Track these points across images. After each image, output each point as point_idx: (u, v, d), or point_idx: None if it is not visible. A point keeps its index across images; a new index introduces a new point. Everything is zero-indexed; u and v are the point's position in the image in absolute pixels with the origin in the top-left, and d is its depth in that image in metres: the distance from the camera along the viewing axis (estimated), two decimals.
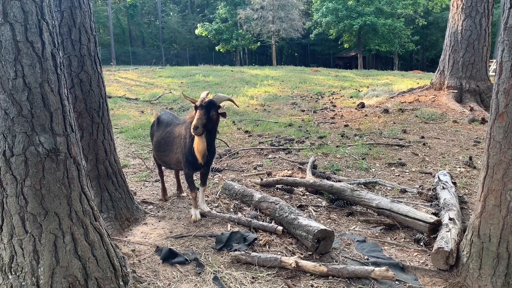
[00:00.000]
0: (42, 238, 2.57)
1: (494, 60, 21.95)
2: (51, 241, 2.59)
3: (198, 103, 4.01)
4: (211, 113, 4.01)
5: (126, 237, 4.02)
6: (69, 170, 2.67)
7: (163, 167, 5.26)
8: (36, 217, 2.55)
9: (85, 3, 3.95)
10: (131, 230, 4.19)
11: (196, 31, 48.18)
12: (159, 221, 4.41)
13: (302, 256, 3.70)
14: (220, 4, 48.47)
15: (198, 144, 4.08)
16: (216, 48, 49.26)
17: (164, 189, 5.20)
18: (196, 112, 4.01)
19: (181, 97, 15.34)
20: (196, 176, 5.11)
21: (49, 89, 2.55)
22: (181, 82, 20.40)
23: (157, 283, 3.18)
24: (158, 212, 4.71)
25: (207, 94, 4.13)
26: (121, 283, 2.95)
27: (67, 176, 2.65)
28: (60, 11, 3.81)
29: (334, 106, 13.34)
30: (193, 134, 4.01)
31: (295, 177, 5.87)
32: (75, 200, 2.70)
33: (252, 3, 44.47)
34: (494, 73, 3.18)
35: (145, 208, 4.73)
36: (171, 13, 59.55)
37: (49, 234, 2.58)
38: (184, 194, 5.34)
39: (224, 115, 4.15)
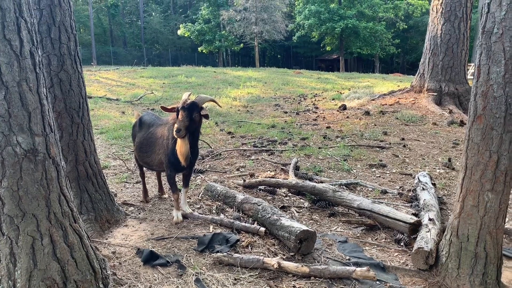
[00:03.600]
0: (19, 240, 2.51)
1: (472, 64, 22.42)
2: (29, 244, 2.54)
3: (180, 105, 3.97)
4: (193, 115, 3.97)
5: (107, 239, 3.97)
6: (47, 171, 2.61)
7: (144, 168, 5.20)
8: (13, 219, 2.49)
9: (65, 2, 3.88)
10: (111, 232, 4.13)
11: (179, 32, 47.86)
12: (140, 223, 4.36)
13: (284, 257, 3.71)
14: (203, 5, 48.27)
15: (181, 147, 4.05)
16: (199, 49, 49.03)
17: (145, 191, 5.14)
18: (178, 114, 3.97)
19: (163, 98, 15.22)
20: (178, 178, 5.07)
21: (27, 88, 2.50)
22: (163, 83, 20.24)
23: (138, 286, 3.15)
24: (139, 213, 4.66)
25: (189, 95, 4.11)
26: (101, 285, 2.91)
27: (45, 177, 2.60)
28: (39, 9, 3.74)
29: (317, 108, 13.42)
30: (175, 136, 3.97)
31: (278, 178, 5.89)
32: (54, 202, 2.65)
33: (235, 4, 44.41)
34: (472, 77, 3.24)
35: (126, 210, 4.67)
36: (153, 13, 59.02)
37: (26, 236, 2.53)
38: (166, 195, 5.29)
39: (207, 116, 4.12)
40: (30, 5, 2.58)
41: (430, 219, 4.05)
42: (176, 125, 3.90)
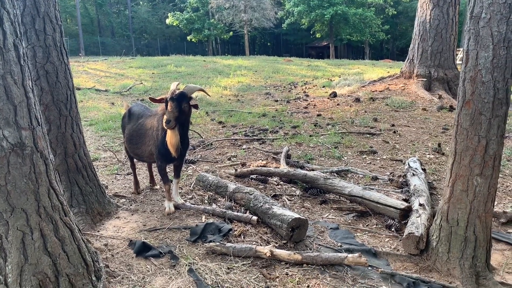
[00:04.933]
0: (9, 235, 2.49)
1: (461, 49, 22.49)
2: (19, 238, 2.52)
3: (168, 96, 3.93)
4: (182, 105, 3.94)
5: (98, 231, 3.95)
6: (36, 164, 2.58)
7: (135, 160, 5.17)
8: (2, 214, 2.46)
9: None
10: (103, 224, 4.11)
11: (167, 21, 47.34)
12: (132, 215, 4.35)
13: (277, 245, 3.73)
14: None
15: (171, 138, 4.02)
16: (188, 38, 48.58)
17: (136, 182, 5.12)
18: (167, 105, 3.93)
19: (152, 88, 15.10)
20: (170, 168, 5.05)
21: (12, 81, 2.46)
22: (152, 73, 20.05)
23: (131, 277, 3.15)
24: (131, 205, 4.65)
25: (177, 85, 4.07)
26: (94, 278, 2.90)
27: (34, 171, 2.57)
28: (22, 0, 3.66)
29: (307, 95, 13.40)
30: (165, 128, 3.95)
31: (269, 167, 5.89)
32: (43, 196, 2.63)
33: None
34: (461, 62, 3.25)
35: (117, 202, 4.65)
36: (140, 2, 58.21)
37: (16, 231, 2.50)
38: (157, 186, 5.27)
39: (196, 106, 4.10)
40: None
41: (420, 205, 4.09)
42: (165, 116, 3.87)
